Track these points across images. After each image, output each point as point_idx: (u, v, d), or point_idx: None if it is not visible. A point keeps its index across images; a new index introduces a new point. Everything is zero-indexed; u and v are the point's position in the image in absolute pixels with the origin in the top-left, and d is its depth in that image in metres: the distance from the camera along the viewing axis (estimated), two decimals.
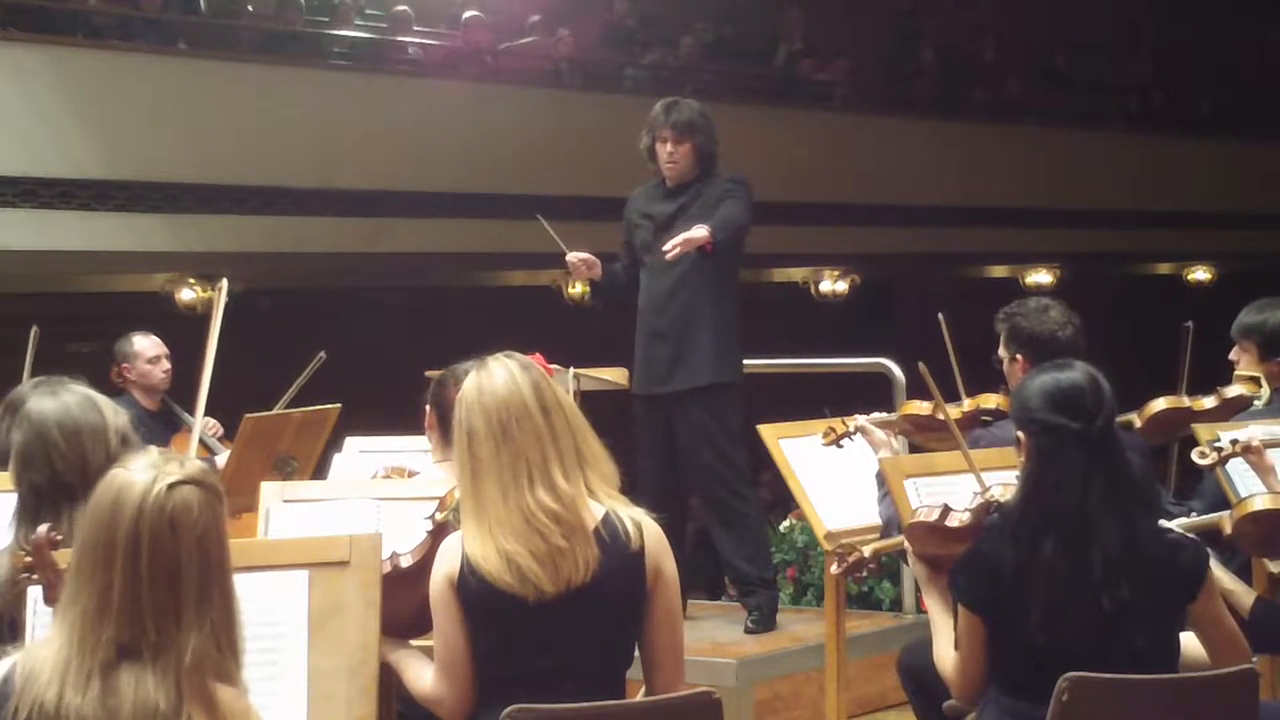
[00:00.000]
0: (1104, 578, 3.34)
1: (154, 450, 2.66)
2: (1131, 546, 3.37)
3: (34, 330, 6.04)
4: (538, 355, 3.58)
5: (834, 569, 4.36)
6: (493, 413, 3.35)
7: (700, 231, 5.92)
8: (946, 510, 3.73)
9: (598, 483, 3.37)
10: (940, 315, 5.18)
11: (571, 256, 6.23)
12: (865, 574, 4.45)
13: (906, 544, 3.86)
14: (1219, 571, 3.74)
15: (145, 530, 2.50)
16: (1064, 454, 3.39)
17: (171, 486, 2.53)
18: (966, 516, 3.69)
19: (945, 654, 3.59)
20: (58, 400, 3.54)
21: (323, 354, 6.62)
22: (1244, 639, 3.58)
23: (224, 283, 4.23)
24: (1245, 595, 3.96)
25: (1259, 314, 5.18)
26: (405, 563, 3.60)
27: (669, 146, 6.15)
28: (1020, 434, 3.52)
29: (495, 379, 3.39)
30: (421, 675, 3.46)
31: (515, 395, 3.36)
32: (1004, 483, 3.72)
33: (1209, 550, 3.59)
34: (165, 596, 2.49)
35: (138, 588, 2.49)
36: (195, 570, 2.51)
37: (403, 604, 3.55)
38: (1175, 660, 3.47)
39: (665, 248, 5.96)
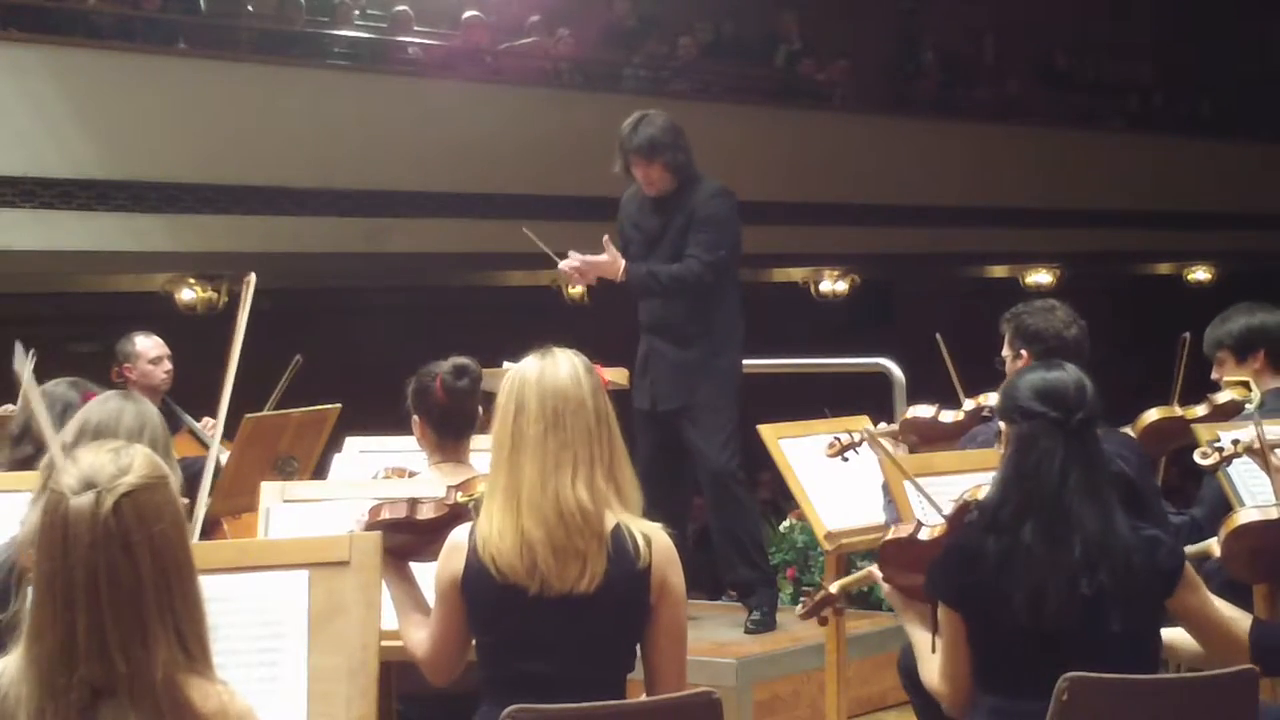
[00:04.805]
0: (1083, 562, 3.38)
1: (84, 456, 2.48)
2: (1109, 535, 3.41)
3: (31, 352, 6.01)
4: (599, 366, 3.55)
5: (799, 611, 4.26)
6: (549, 397, 3.33)
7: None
8: (919, 525, 3.75)
9: (618, 502, 3.35)
10: (938, 335, 5.19)
11: (563, 265, 6.23)
12: (832, 612, 4.34)
13: (877, 572, 3.86)
14: (1216, 601, 3.75)
15: (101, 564, 2.40)
16: (1043, 441, 3.46)
17: (116, 505, 2.42)
18: (940, 526, 3.70)
19: (930, 667, 3.61)
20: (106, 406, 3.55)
21: (299, 358, 6.57)
22: (1239, 631, 3.60)
23: (252, 277, 4.15)
24: (1242, 619, 3.95)
25: (1222, 324, 5.27)
26: (422, 514, 3.60)
27: (640, 171, 6.13)
28: (1002, 424, 3.59)
29: (560, 368, 3.37)
30: (417, 635, 3.49)
31: (576, 390, 3.35)
32: (978, 484, 3.74)
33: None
34: (130, 624, 2.41)
35: (101, 624, 2.40)
36: (155, 584, 2.43)
37: (407, 543, 3.59)
38: (1154, 653, 3.50)
39: None
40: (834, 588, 4.19)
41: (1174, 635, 3.65)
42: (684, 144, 6.14)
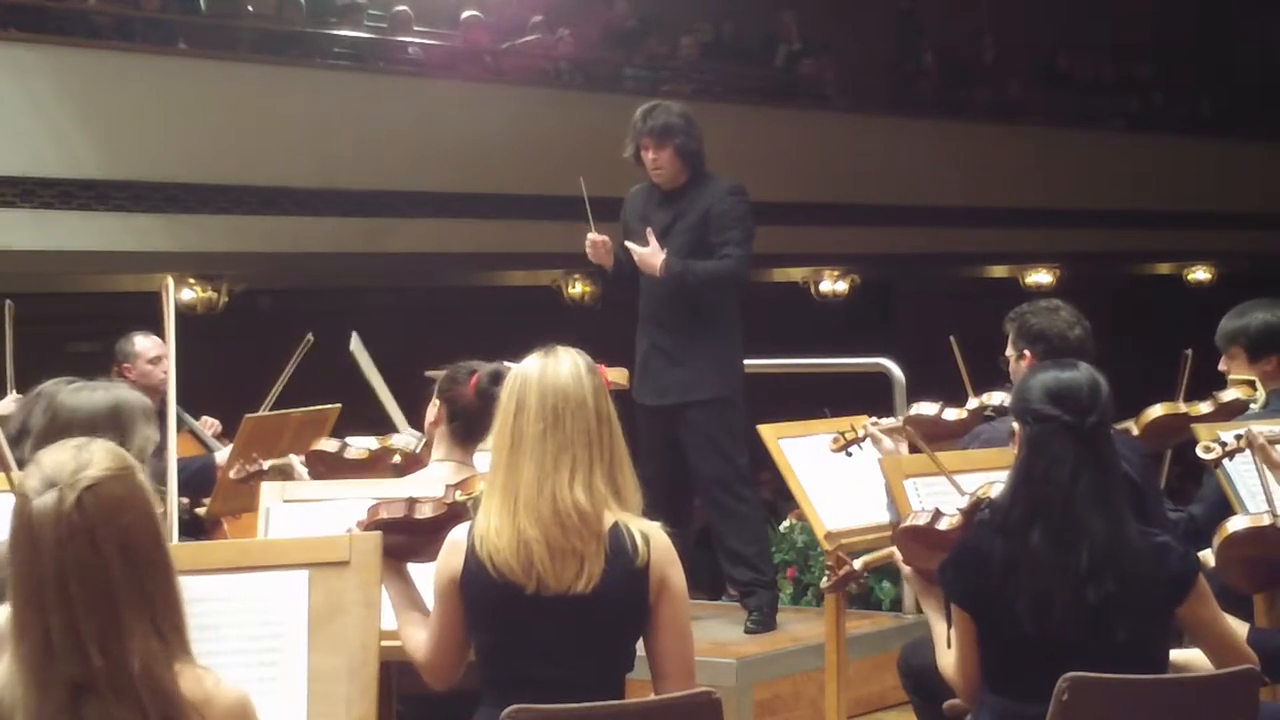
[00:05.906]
0: (1089, 570, 3.36)
1: (45, 456, 2.49)
2: (1118, 542, 3.39)
3: (8, 304, 6.01)
4: (601, 366, 3.54)
5: (824, 584, 4.36)
6: (549, 396, 3.32)
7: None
8: (938, 514, 3.75)
9: (617, 503, 3.35)
10: (952, 338, 5.19)
11: (594, 236, 6.22)
12: (855, 587, 4.46)
13: (897, 554, 3.87)
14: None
15: (69, 561, 2.40)
16: (1055, 445, 3.43)
17: (78, 500, 2.41)
18: (957, 518, 3.70)
19: (946, 659, 3.61)
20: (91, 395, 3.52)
21: (310, 337, 6.56)
22: (1245, 645, 3.57)
23: (169, 281, 4.23)
24: (1238, 627, 3.95)
25: (1241, 318, 5.18)
26: (421, 513, 3.60)
27: (651, 154, 6.13)
28: (1015, 425, 3.56)
29: (561, 367, 3.36)
30: (416, 637, 3.48)
31: (577, 389, 3.33)
32: (992, 481, 3.74)
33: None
34: (103, 617, 2.40)
35: (74, 621, 2.39)
36: (125, 575, 2.42)
37: (407, 543, 3.58)
38: (1160, 660, 3.47)
39: None
40: (858, 563, 4.26)
41: (1189, 656, 3.62)
42: (697, 134, 6.17)
